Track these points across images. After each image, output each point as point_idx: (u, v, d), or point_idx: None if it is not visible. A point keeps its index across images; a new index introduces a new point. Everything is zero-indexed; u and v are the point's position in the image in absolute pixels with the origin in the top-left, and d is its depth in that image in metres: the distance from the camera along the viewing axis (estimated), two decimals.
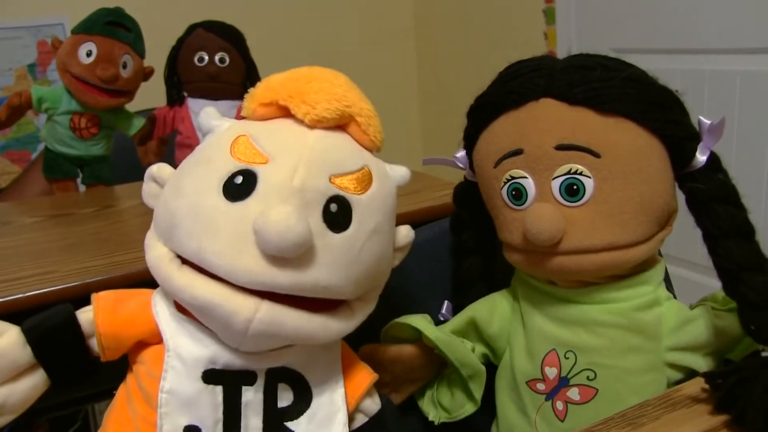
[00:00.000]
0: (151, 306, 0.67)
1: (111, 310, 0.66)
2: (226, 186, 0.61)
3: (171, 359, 0.64)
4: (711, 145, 0.71)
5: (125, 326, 0.66)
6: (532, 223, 0.68)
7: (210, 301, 0.59)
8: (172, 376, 0.64)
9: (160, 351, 0.65)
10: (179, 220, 0.62)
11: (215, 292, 0.59)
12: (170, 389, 0.64)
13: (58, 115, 1.49)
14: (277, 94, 0.66)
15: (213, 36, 1.59)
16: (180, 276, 0.61)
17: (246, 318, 0.59)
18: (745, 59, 1.86)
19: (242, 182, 0.61)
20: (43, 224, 1.28)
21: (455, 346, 0.80)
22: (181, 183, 0.65)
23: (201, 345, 0.64)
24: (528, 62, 0.75)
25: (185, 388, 0.64)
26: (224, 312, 0.59)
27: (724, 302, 0.74)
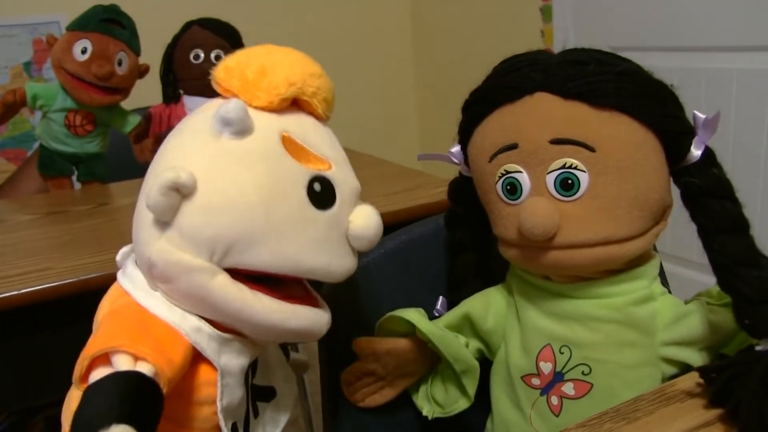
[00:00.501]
0: (185, 338, 0.61)
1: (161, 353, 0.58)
2: (310, 195, 0.63)
3: (225, 379, 0.63)
4: (706, 140, 0.70)
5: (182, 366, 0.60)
6: (526, 218, 0.68)
7: (307, 327, 0.65)
8: (227, 393, 0.63)
9: (207, 376, 0.63)
10: (261, 234, 0.60)
11: (305, 318, 0.64)
12: (227, 405, 0.64)
13: (53, 113, 1.49)
14: (301, 91, 0.65)
15: (209, 33, 1.59)
16: (261, 304, 0.61)
17: (323, 332, 0.67)
18: (741, 57, 1.86)
19: (322, 190, 0.63)
20: (39, 222, 1.28)
21: (449, 341, 0.80)
22: (243, 192, 0.60)
23: (243, 355, 0.65)
24: (523, 56, 0.75)
25: (236, 397, 0.65)
26: (312, 333, 0.66)
27: (719, 297, 0.74)
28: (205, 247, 0.59)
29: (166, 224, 0.60)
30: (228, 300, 0.60)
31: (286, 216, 0.61)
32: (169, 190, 0.58)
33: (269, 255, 0.60)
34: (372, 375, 0.84)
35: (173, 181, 0.57)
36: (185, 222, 0.59)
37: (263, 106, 0.64)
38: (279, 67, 0.65)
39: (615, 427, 0.63)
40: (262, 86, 0.64)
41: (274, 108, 0.64)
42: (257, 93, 0.64)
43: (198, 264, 0.59)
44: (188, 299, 0.61)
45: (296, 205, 0.61)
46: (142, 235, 0.62)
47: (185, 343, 0.60)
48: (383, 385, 0.85)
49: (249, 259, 0.60)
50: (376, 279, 0.89)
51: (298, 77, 0.65)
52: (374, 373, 0.84)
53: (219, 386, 0.62)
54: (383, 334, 0.85)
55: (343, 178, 0.66)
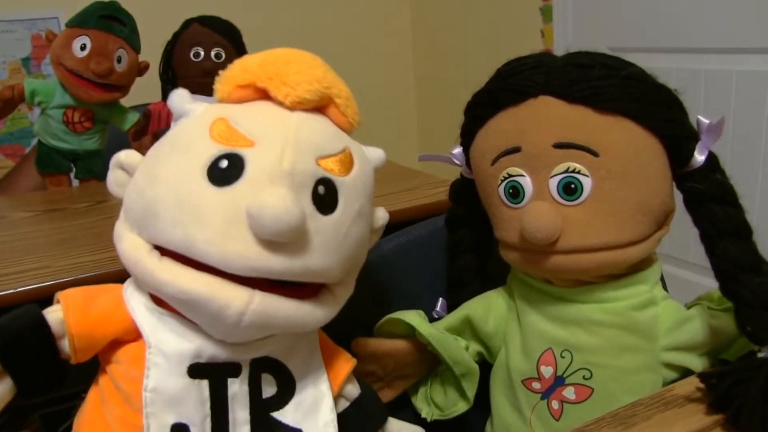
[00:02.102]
0: (124, 301, 0.64)
1: (82, 309, 0.62)
2: (210, 170, 0.59)
3: (153, 356, 0.61)
4: (709, 145, 0.70)
5: (99, 325, 0.62)
6: (529, 222, 0.68)
7: (200, 295, 0.57)
8: (155, 374, 0.61)
9: (139, 349, 0.62)
10: (160, 209, 0.59)
11: (205, 285, 0.57)
12: (155, 387, 0.61)
13: (51, 109, 1.48)
14: (255, 76, 0.64)
15: (209, 31, 1.58)
16: (162, 269, 0.59)
17: (239, 310, 0.57)
18: (741, 59, 1.86)
19: (228, 166, 0.59)
20: (36, 219, 1.27)
21: (448, 344, 0.80)
22: (157, 170, 0.62)
23: (184, 339, 0.62)
24: (527, 59, 0.74)
25: (170, 385, 0.62)
26: (216, 305, 0.57)
27: (720, 302, 0.74)
28: (131, 220, 0.63)
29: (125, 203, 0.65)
30: (133, 263, 0.61)
31: (176, 191, 0.59)
32: (114, 166, 0.65)
33: (162, 229, 0.59)
34: (371, 376, 0.84)
35: (118, 159, 0.65)
36: (125, 198, 0.65)
37: (220, 97, 0.66)
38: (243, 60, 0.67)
39: None
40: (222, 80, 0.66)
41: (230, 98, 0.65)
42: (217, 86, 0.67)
43: (126, 234, 0.62)
44: (125, 262, 0.62)
45: (190, 181, 0.59)
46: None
47: (125, 315, 0.63)
48: (382, 386, 0.85)
49: (153, 232, 0.60)
50: (375, 280, 0.89)
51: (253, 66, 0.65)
52: (373, 374, 0.84)
53: (146, 362, 0.61)
54: (383, 336, 0.85)
55: (264, 156, 0.59)
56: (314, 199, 0.60)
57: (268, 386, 0.66)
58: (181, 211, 0.58)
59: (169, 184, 0.60)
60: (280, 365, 0.66)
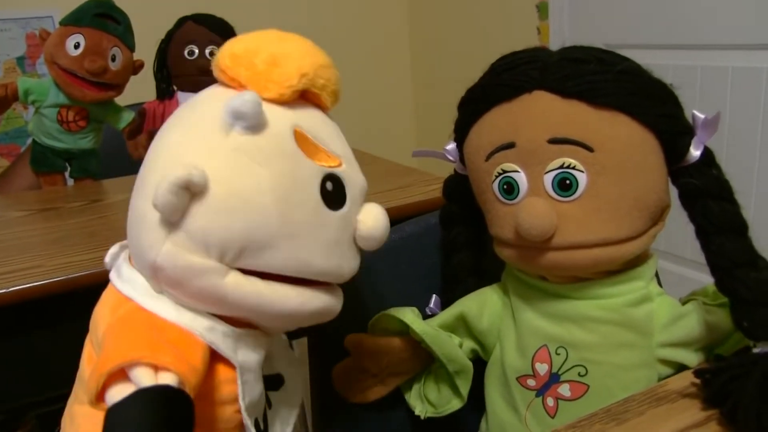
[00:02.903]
0: (199, 338, 0.58)
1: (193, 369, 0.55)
2: (323, 195, 0.60)
3: (243, 375, 0.61)
4: (705, 140, 0.70)
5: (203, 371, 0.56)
6: (524, 218, 0.68)
7: (326, 307, 0.64)
8: (248, 390, 0.61)
9: (224, 375, 0.60)
10: (275, 237, 0.57)
11: (323, 300, 0.63)
12: (250, 402, 0.61)
13: (45, 108, 1.47)
14: (313, 84, 0.62)
15: (203, 29, 1.58)
16: (279, 293, 0.59)
17: (340, 308, 0.66)
18: (737, 55, 1.86)
19: (334, 189, 0.62)
20: (30, 218, 1.27)
21: (442, 341, 0.80)
22: (252, 193, 0.57)
23: (259, 348, 0.64)
24: (521, 54, 0.74)
25: (258, 392, 0.63)
26: (333, 312, 0.65)
27: (715, 297, 0.74)
28: (215, 248, 0.56)
29: (173, 225, 0.56)
30: (245, 296, 0.58)
31: (301, 218, 0.58)
32: (180, 189, 0.53)
33: (282, 258, 0.58)
34: (364, 372, 0.84)
35: (184, 179, 0.53)
36: (195, 223, 0.56)
37: (274, 98, 0.60)
38: (290, 57, 0.61)
39: (605, 428, 0.63)
40: (273, 77, 0.60)
41: (285, 101, 0.61)
42: (268, 84, 0.60)
43: (208, 265, 0.56)
44: (201, 300, 0.58)
45: (311, 206, 0.59)
46: (145, 237, 0.58)
47: (201, 344, 0.57)
48: (375, 382, 0.85)
49: (261, 261, 0.58)
50: (368, 276, 0.88)
51: (310, 68, 0.61)
52: (367, 370, 0.83)
53: (239, 383, 0.60)
54: (377, 333, 0.84)
55: (352, 175, 0.64)
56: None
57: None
58: (308, 240, 0.59)
59: (285, 210, 0.58)
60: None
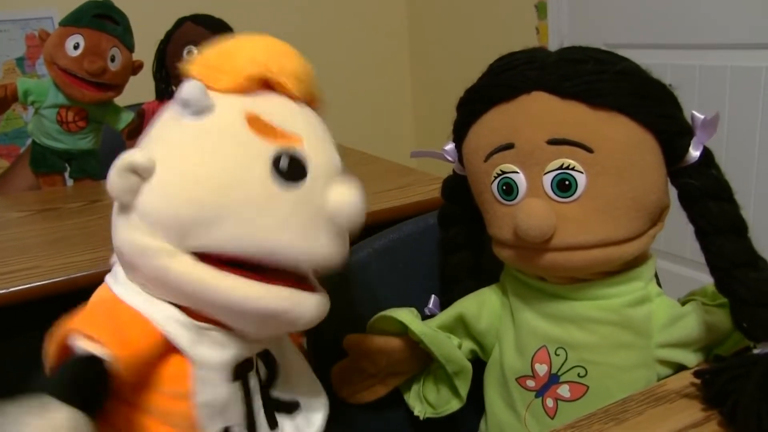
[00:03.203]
0: (153, 325, 0.59)
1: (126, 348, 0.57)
2: (275, 170, 0.59)
3: (199, 371, 0.60)
4: (704, 141, 0.70)
5: (142, 360, 0.58)
6: (523, 219, 0.68)
7: (282, 309, 0.60)
8: (204, 388, 0.61)
9: (178, 366, 0.60)
10: (222, 215, 0.57)
11: (284, 299, 0.60)
12: (206, 402, 0.61)
13: (45, 109, 1.47)
14: (267, 70, 0.63)
15: (202, 29, 1.58)
16: (225, 283, 0.58)
17: (313, 316, 0.62)
18: (735, 54, 1.86)
19: (290, 165, 0.59)
20: (30, 219, 1.27)
21: (441, 342, 0.80)
22: (200, 173, 0.58)
23: (226, 348, 0.62)
24: (520, 54, 0.74)
25: (220, 395, 0.62)
26: (293, 316, 0.61)
27: (714, 297, 0.74)
28: (163, 229, 0.58)
29: (129, 209, 0.59)
30: (187, 279, 0.58)
31: (245, 195, 0.58)
32: (125, 172, 0.58)
33: (230, 236, 0.58)
34: (362, 372, 0.84)
35: (127, 161, 0.57)
36: (143, 204, 0.59)
37: (228, 87, 0.62)
38: (243, 49, 0.63)
39: (604, 428, 0.63)
40: (225, 68, 0.62)
41: (241, 89, 0.62)
42: (219, 75, 0.62)
43: (156, 245, 0.58)
44: (157, 286, 0.60)
45: (257, 182, 0.58)
46: (113, 224, 0.62)
47: (153, 331, 0.59)
48: (374, 382, 0.85)
49: (210, 240, 0.58)
50: (366, 276, 0.89)
51: (262, 56, 0.63)
52: (365, 370, 0.83)
53: (194, 379, 0.60)
54: (375, 333, 0.84)
55: (316, 153, 0.62)
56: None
57: (262, 371, 0.68)
58: (254, 216, 0.58)
59: (228, 187, 0.58)
60: (271, 356, 0.69)
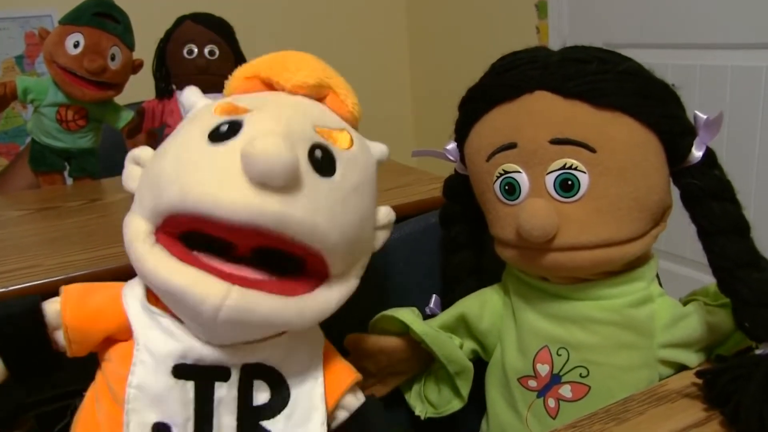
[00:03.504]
0: (121, 298, 0.65)
1: (79, 302, 0.64)
2: (211, 134, 0.61)
3: (140, 353, 0.62)
4: (707, 141, 0.70)
5: (93, 319, 0.64)
6: (525, 219, 0.67)
7: (179, 286, 0.57)
8: (140, 371, 0.61)
9: (128, 347, 0.63)
10: (162, 175, 0.61)
11: (184, 276, 0.57)
12: (138, 384, 0.61)
13: (45, 107, 1.47)
14: (259, 68, 0.68)
15: (202, 28, 1.57)
16: (150, 257, 0.60)
17: (215, 304, 0.56)
18: (735, 54, 1.86)
19: (228, 129, 0.61)
20: (29, 217, 1.26)
21: (442, 342, 0.80)
22: (163, 148, 0.65)
23: (173, 338, 0.62)
24: (522, 54, 0.74)
25: (154, 383, 0.61)
26: (192, 299, 0.57)
27: (715, 297, 0.74)
28: (136, 206, 0.64)
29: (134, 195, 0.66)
30: (136, 258, 0.61)
31: (188, 157, 0.61)
32: (129, 162, 0.68)
33: (165, 195, 0.60)
34: (363, 371, 0.83)
35: (132, 154, 0.67)
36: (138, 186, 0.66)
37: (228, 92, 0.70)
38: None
39: (605, 427, 0.63)
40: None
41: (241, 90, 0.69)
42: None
43: (135, 225, 0.62)
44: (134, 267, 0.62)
45: (196, 144, 0.61)
46: None
47: (119, 307, 0.64)
48: (374, 382, 0.85)
49: (165, 202, 0.60)
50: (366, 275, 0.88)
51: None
52: (366, 369, 0.83)
53: (133, 358, 0.62)
54: (377, 333, 0.84)
55: (258, 119, 0.61)
56: (310, 159, 0.61)
57: (260, 393, 0.65)
58: (179, 170, 0.60)
59: (173, 153, 0.63)
60: (275, 373, 0.65)
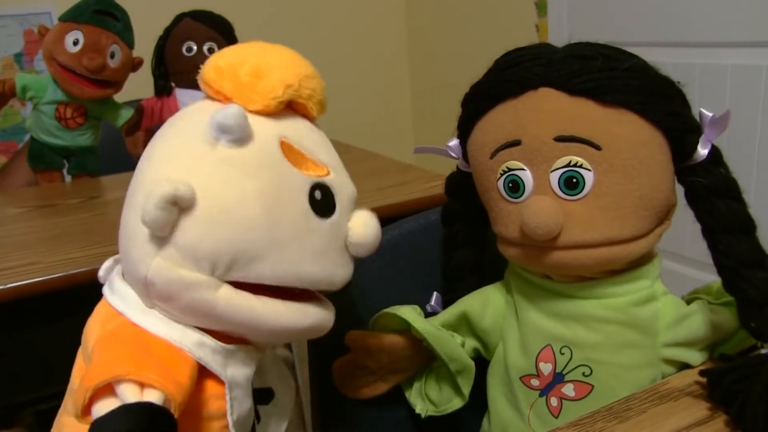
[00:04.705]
0: (183, 351, 0.58)
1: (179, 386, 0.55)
2: (312, 204, 0.61)
3: (233, 391, 0.61)
4: (713, 139, 0.69)
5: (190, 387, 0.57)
6: (529, 217, 0.67)
7: (318, 323, 0.64)
8: (237, 406, 0.62)
9: (212, 390, 0.60)
10: (265, 248, 0.58)
11: (315, 314, 0.64)
12: (238, 418, 0.62)
13: (44, 105, 1.47)
14: (298, 95, 0.63)
15: (201, 26, 1.58)
16: (270, 309, 0.60)
17: (331, 324, 0.66)
18: (736, 53, 1.86)
19: (322, 197, 0.62)
20: (28, 215, 1.26)
21: (444, 340, 0.79)
22: (239, 205, 0.57)
23: (249, 364, 0.64)
24: (526, 50, 0.73)
25: (246, 408, 0.64)
26: (323, 329, 0.66)
27: (718, 295, 0.74)
28: (205, 262, 0.56)
29: (163, 240, 0.56)
30: (236, 311, 0.58)
31: (289, 228, 0.59)
32: (168, 204, 0.54)
33: (272, 268, 0.58)
34: (364, 369, 0.83)
35: (172, 194, 0.54)
36: (184, 237, 0.56)
37: (259, 110, 0.61)
38: (274, 68, 0.62)
39: (607, 426, 0.63)
40: (258, 89, 0.60)
41: (271, 112, 0.61)
42: (252, 96, 0.60)
43: (199, 279, 0.57)
44: (192, 315, 0.59)
45: (299, 215, 0.60)
46: (135, 252, 0.58)
47: (189, 360, 0.58)
48: (375, 379, 0.84)
49: (252, 272, 0.58)
50: (366, 274, 0.88)
51: (294, 79, 0.62)
52: (367, 367, 0.83)
53: (228, 400, 0.61)
54: (378, 330, 0.84)
55: (341, 183, 0.65)
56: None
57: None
58: (297, 249, 0.60)
59: (272, 225, 0.58)
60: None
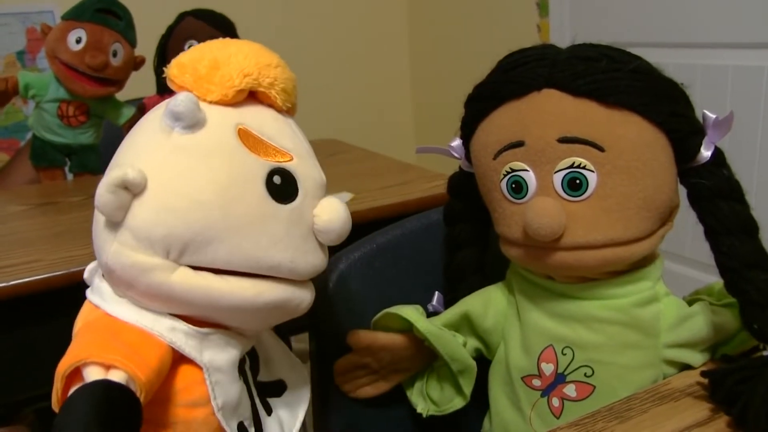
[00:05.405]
0: (155, 336, 0.59)
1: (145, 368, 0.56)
2: (269, 188, 0.60)
3: (213, 376, 0.61)
4: (716, 140, 0.69)
5: (161, 375, 0.58)
6: (532, 218, 0.67)
7: (284, 299, 0.63)
8: (220, 390, 0.62)
9: (192, 376, 0.61)
10: (218, 232, 0.58)
11: (283, 290, 0.62)
12: (224, 403, 0.62)
13: (46, 103, 1.47)
14: (258, 83, 0.63)
15: (203, 24, 1.58)
16: (230, 286, 0.59)
17: (310, 301, 0.65)
18: (737, 54, 1.86)
19: (282, 183, 0.61)
20: (30, 213, 1.27)
21: (446, 340, 0.79)
22: (196, 191, 0.58)
23: (230, 348, 0.64)
24: (530, 51, 0.73)
25: (234, 393, 0.63)
26: (294, 304, 0.64)
27: (720, 296, 0.74)
28: (159, 246, 0.57)
29: (119, 226, 0.58)
30: (194, 291, 0.59)
31: (243, 212, 0.59)
32: (117, 188, 0.56)
33: (227, 253, 0.59)
34: (366, 368, 0.83)
35: (120, 178, 0.56)
36: (137, 222, 0.57)
37: (217, 99, 0.62)
38: (232, 59, 0.63)
39: (608, 426, 0.63)
40: (215, 79, 0.62)
41: (229, 101, 0.62)
42: (210, 87, 0.62)
43: (154, 263, 0.58)
44: (154, 299, 0.60)
45: (254, 200, 0.60)
46: (97, 240, 0.61)
47: (161, 344, 0.59)
48: (376, 378, 0.84)
49: (206, 257, 0.58)
50: (368, 273, 0.88)
51: (253, 68, 0.63)
52: (368, 366, 0.83)
53: (209, 384, 0.61)
54: (379, 330, 0.84)
55: (305, 170, 0.64)
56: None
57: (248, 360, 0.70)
58: (253, 234, 0.59)
59: (225, 208, 0.58)
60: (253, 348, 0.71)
